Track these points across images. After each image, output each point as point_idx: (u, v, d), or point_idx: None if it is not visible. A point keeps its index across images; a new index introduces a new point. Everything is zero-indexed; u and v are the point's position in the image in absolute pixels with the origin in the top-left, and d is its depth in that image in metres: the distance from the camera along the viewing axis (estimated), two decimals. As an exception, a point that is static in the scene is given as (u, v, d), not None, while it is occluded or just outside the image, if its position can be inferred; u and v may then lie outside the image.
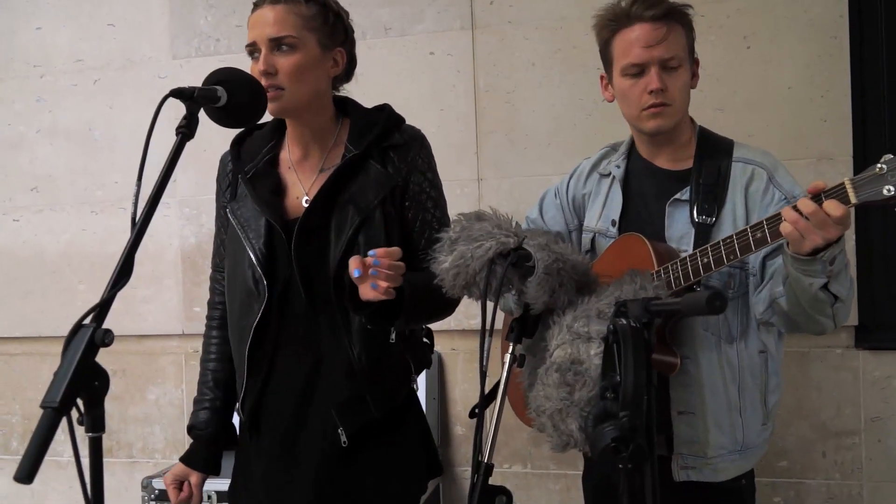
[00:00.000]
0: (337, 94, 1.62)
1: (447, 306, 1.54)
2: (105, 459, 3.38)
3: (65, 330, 3.03)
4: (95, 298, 2.98)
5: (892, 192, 1.15)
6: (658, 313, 0.90)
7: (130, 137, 2.89)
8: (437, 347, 2.66)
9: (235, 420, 1.66)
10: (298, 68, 1.45)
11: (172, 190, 2.84)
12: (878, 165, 1.16)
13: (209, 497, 2.30)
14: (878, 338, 2.35)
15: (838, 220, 1.21)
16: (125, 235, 3.14)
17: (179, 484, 1.59)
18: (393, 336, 1.50)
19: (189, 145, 1.72)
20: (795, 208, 1.23)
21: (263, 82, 1.42)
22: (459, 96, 2.61)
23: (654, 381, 0.89)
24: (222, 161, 1.64)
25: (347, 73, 1.62)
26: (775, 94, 2.36)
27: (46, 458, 2.84)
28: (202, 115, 1.15)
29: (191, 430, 1.62)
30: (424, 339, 1.70)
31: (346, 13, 1.60)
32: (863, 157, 2.29)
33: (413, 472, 1.59)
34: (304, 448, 1.52)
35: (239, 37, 2.63)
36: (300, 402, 1.52)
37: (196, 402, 1.64)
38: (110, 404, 2.94)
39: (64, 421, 0.89)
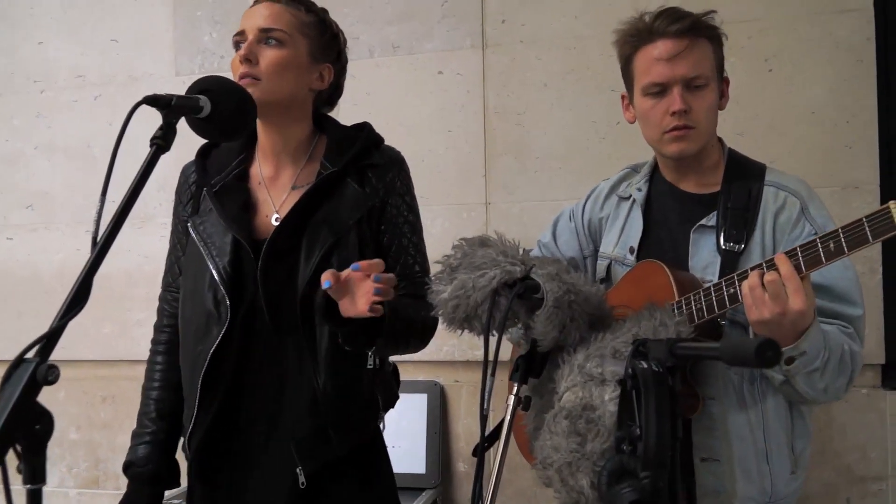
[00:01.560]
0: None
1: (425, 336, 1.44)
2: (92, 491, 3.24)
3: (55, 353, 2.91)
4: (87, 320, 2.86)
5: None
6: (686, 357, 0.79)
7: (129, 156, 2.80)
8: (439, 379, 2.56)
9: (180, 456, 1.51)
10: (280, 63, 1.37)
11: (171, 210, 2.75)
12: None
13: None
14: (908, 377, 2.22)
15: (796, 289, 1.12)
16: (121, 256, 3.05)
17: None
18: (371, 361, 1.39)
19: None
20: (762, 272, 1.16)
21: (241, 69, 1.35)
22: (468, 117, 2.53)
23: (679, 435, 0.78)
24: (184, 172, 1.54)
25: (331, 96, 1.53)
26: (798, 119, 2.27)
27: (31, 486, 2.64)
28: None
29: (128, 467, 1.45)
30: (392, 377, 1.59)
31: (345, 39, 1.52)
32: (890, 186, 2.20)
33: None
34: (257, 491, 1.39)
35: (242, 53, 2.58)
36: (256, 437, 1.40)
37: (135, 435, 1.47)
38: (99, 432, 2.88)
39: None
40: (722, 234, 1.36)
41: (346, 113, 1.63)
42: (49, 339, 0.77)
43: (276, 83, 1.37)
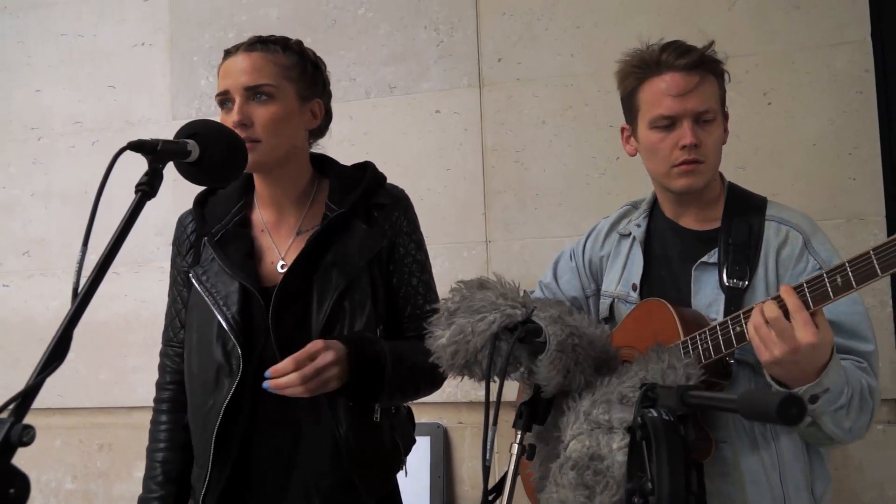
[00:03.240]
0: (312, 152, 1.51)
1: (436, 380, 1.40)
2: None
3: (51, 401, 2.83)
4: (84, 367, 2.81)
5: None
6: (699, 407, 0.74)
7: (126, 201, 2.79)
8: (442, 421, 2.50)
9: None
10: (276, 120, 1.34)
11: (168, 254, 2.73)
12: None
13: None
14: (924, 412, 2.16)
15: (804, 322, 1.07)
16: (117, 301, 3.01)
17: None
18: (377, 415, 1.34)
19: (188, 206, 1.61)
20: (762, 310, 1.11)
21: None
22: (467, 155, 2.51)
23: (694, 489, 0.73)
24: (181, 222, 1.50)
25: (322, 127, 1.50)
26: (799, 151, 2.25)
27: None
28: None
29: None
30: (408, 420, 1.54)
31: (324, 64, 1.49)
32: (897, 217, 2.17)
33: None
34: None
35: (239, 96, 2.58)
36: (275, 492, 1.34)
37: (141, 500, 1.42)
38: (95, 482, 2.81)
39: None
40: (725, 271, 1.32)
41: (344, 153, 1.61)
42: (24, 398, 0.73)
43: (276, 140, 1.35)
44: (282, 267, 1.37)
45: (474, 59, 2.53)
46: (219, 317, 1.33)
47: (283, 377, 1.19)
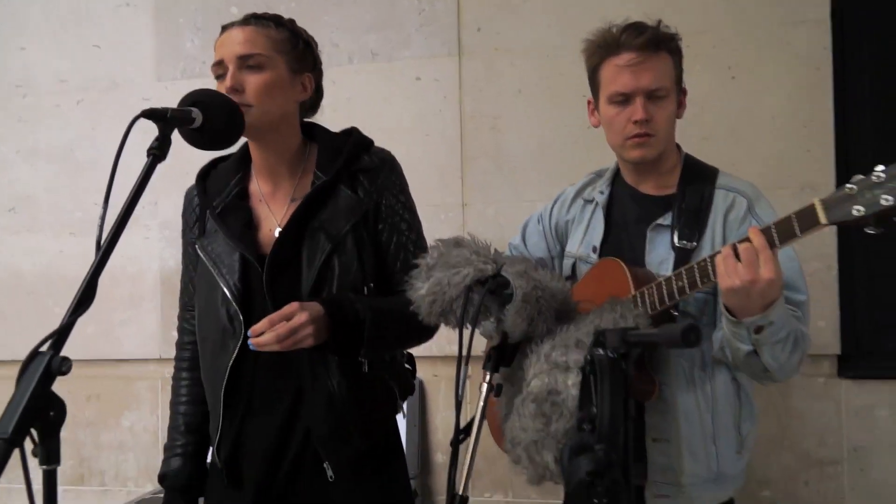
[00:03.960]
0: (303, 120, 1.60)
1: (423, 331, 1.50)
2: (76, 487, 3.28)
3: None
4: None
5: (862, 213, 1.12)
6: (636, 344, 0.88)
7: (112, 159, 2.86)
8: (418, 374, 2.64)
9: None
10: (267, 86, 1.42)
11: (153, 212, 2.81)
12: (849, 185, 1.15)
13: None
14: (861, 367, 2.34)
15: (767, 259, 1.21)
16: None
17: None
18: (365, 367, 1.46)
19: (171, 167, 1.69)
20: (734, 246, 1.25)
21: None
22: (446, 122, 2.61)
23: (631, 414, 0.87)
24: (187, 196, 1.60)
25: (314, 102, 1.59)
26: (759, 124, 2.38)
27: (22, 486, 2.74)
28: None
29: (163, 478, 1.54)
30: (406, 365, 1.66)
31: (316, 43, 1.58)
32: (845, 187, 2.31)
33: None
34: (289, 488, 1.48)
35: (224, 59, 2.65)
36: (280, 441, 1.47)
37: (167, 448, 1.56)
38: (83, 430, 2.93)
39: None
40: (676, 233, 1.46)
41: (327, 118, 1.70)
42: (60, 334, 0.84)
43: (266, 106, 1.43)
44: (278, 233, 1.47)
45: (454, 28, 2.61)
46: (222, 285, 1.45)
47: (262, 336, 1.30)
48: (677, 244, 1.44)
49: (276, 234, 1.47)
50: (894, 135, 2.37)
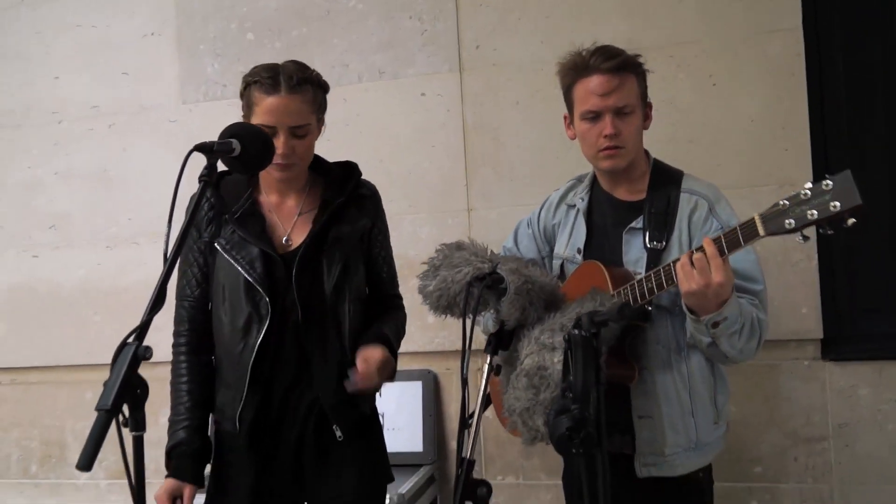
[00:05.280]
0: None
1: (402, 334, 1.88)
2: (121, 481, 3.52)
3: (80, 359, 3.17)
4: (109, 328, 3.14)
5: (793, 225, 1.33)
6: (600, 322, 1.08)
7: (142, 177, 3.10)
8: (432, 368, 2.84)
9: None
10: (308, 148, 1.73)
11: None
12: (782, 202, 1.36)
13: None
14: (843, 350, 2.50)
15: (718, 266, 1.41)
16: (137, 269, 3.33)
17: (173, 499, 1.68)
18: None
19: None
20: (690, 255, 1.46)
21: (282, 161, 1.66)
22: (449, 133, 2.80)
23: (602, 381, 1.07)
24: (195, 202, 1.69)
25: None
26: (739, 127, 2.55)
27: (64, 481, 3.08)
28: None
29: (175, 448, 1.70)
30: None
31: (328, 86, 1.81)
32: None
33: (387, 464, 1.85)
34: (303, 448, 1.73)
35: (243, 82, 2.86)
36: (295, 408, 1.72)
37: (173, 422, 1.73)
38: (124, 429, 3.13)
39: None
40: (647, 235, 1.66)
41: (339, 132, 1.92)
42: (141, 329, 1.05)
43: (307, 162, 1.76)
44: (286, 240, 1.74)
45: (455, 46, 2.81)
46: (246, 276, 1.68)
47: (364, 376, 1.64)
48: (648, 245, 1.64)
49: (284, 241, 1.74)
50: (864, 133, 2.55)
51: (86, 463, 1.00)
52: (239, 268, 1.69)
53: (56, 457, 3.20)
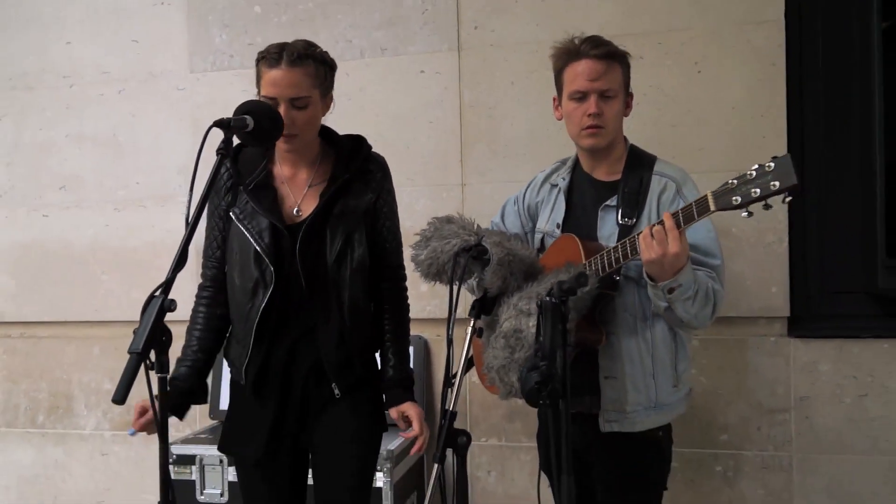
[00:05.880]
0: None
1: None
2: (124, 432, 3.65)
3: (88, 315, 3.32)
4: (117, 287, 3.28)
5: (739, 202, 1.49)
6: (567, 291, 1.24)
7: (151, 142, 3.22)
8: (423, 334, 2.99)
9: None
10: (309, 120, 1.81)
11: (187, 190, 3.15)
12: (731, 181, 1.51)
13: (221, 461, 2.62)
14: (807, 328, 2.66)
15: (674, 237, 1.57)
16: (144, 231, 3.49)
17: (145, 411, 1.79)
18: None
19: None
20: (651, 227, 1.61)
21: (284, 131, 1.75)
22: (446, 110, 2.92)
23: (568, 342, 1.22)
24: (214, 172, 1.85)
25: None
26: (722, 113, 2.67)
27: (70, 431, 3.28)
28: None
29: (172, 380, 1.75)
30: None
31: (335, 64, 1.91)
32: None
33: (382, 414, 1.99)
34: (303, 402, 1.89)
35: (250, 53, 2.94)
36: (298, 364, 1.87)
37: (179, 360, 1.90)
38: (136, 382, 3.29)
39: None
40: (620, 212, 1.81)
41: (342, 106, 2.02)
42: (167, 284, 1.21)
43: (308, 134, 1.85)
44: (296, 211, 1.87)
45: (454, 26, 2.92)
46: (255, 245, 1.83)
47: (421, 441, 1.89)
48: (620, 221, 1.80)
49: (295, 212, 1.86)
50: (838, 121, 2.68)
51: (120, 397, 1.16)
52: (249, 237, 1.83)
53: (63, 408, 3.36)
